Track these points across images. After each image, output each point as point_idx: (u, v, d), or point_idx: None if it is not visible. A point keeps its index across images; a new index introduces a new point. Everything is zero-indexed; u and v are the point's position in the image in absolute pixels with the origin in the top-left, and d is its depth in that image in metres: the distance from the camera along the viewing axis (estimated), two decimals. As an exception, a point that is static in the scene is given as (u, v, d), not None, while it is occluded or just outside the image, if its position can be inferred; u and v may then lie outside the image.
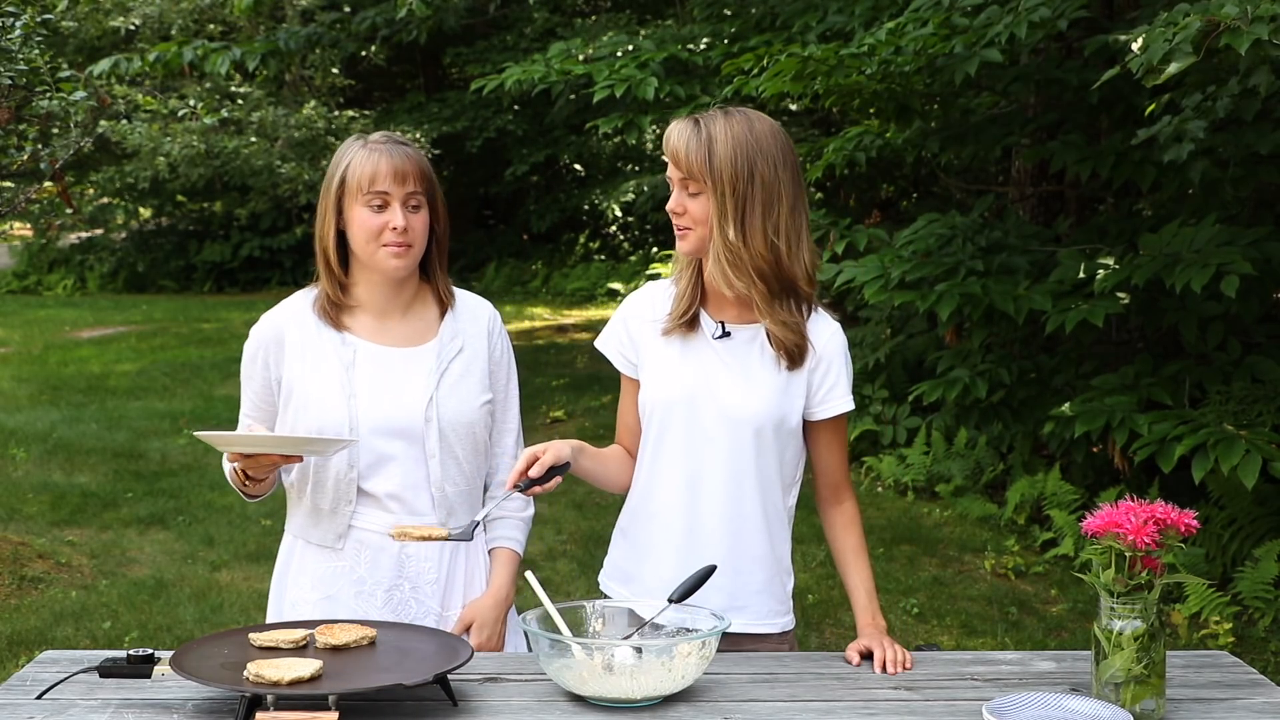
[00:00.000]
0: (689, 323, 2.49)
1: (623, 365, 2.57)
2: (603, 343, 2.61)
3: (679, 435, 2.48)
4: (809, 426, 2.51)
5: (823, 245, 6.29)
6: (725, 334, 2.47)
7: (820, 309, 2.50)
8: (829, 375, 2.46)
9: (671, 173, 2.44)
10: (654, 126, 6.84)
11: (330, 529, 2.55)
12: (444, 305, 2.63)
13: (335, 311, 2.55)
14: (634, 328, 2.55)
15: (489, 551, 2.67)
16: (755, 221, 2.37)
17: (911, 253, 6.06)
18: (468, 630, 2.58)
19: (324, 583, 2.58)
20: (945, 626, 5.37)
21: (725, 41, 7.01)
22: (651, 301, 2.56)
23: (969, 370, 6.43)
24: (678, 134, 2.42)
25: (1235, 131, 5.45)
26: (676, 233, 2.45)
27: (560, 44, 7.46)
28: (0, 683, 2.26)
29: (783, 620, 2.55)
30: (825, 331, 2.47)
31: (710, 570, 2.36)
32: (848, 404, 2.48)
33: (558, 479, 2.35)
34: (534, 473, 2.31)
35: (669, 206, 2.44)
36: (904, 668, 2.34)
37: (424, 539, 2.28)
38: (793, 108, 9.46)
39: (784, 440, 2.47)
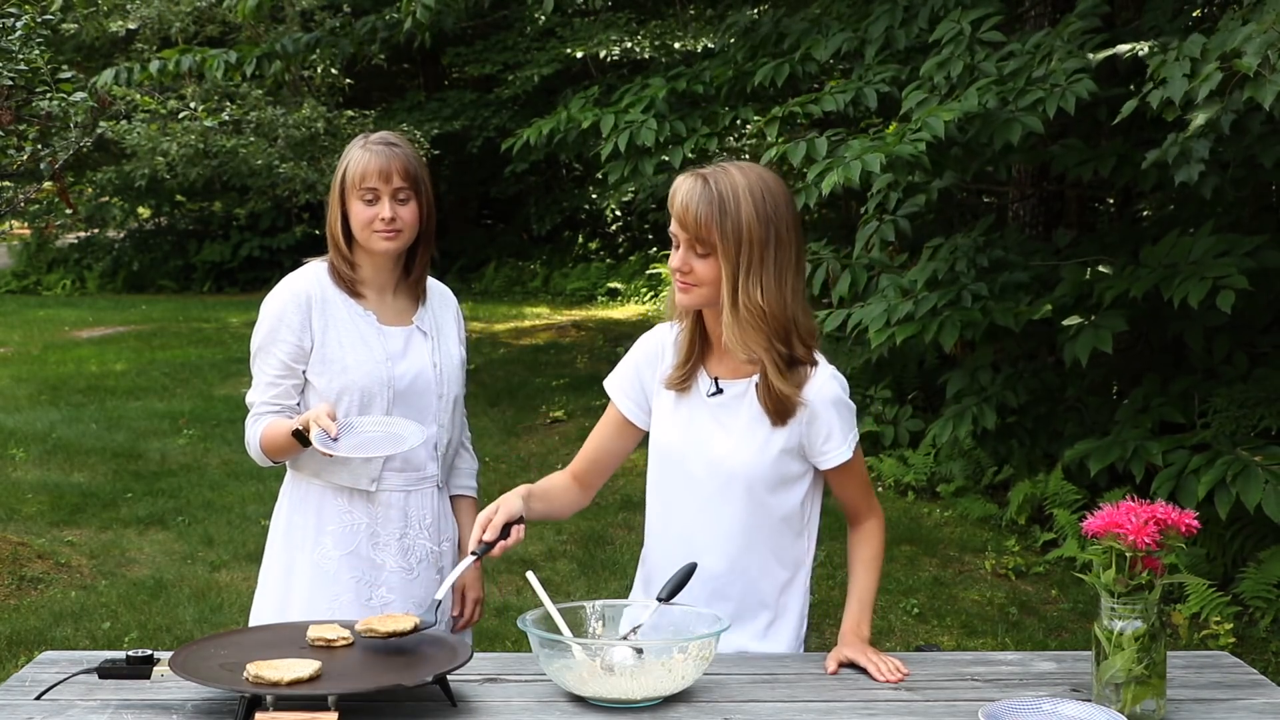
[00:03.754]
0: (686, 379, 2.49)
1: (625, 409, 2.59)
2: (611, 384, 2.62)
3: (675, 487, 2.52)
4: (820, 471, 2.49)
5: (827, 285, 6.17)
6: (718, 390, 2.46)
7: (818, 357, 2.45)
8: (823, 427, 2.42)
9: (676, 230, 2.38)
10: (657, 165, 6.80)
11: (364, 473, 2.80)
12: (421, 293, 2.94)
13: (351, 281, 2.84)
14: (646, 376, 2.57)
15: (452, 499, 2.99)
16: (771, 282, 2.34)
17: (915, 283, 5.93)
18: (462, 594, 2.95)
19: (346, 539, 2.81)
20: (945, 627, 5.37)
21: (731, 70, 6.92)
22: (662, 349, 2.56)
23: (976, 398, 6.34)
24: (685, 192, 2.36)
25: (1236, 135, 5.44)
26: (678, 286, 2.41)
27: (580, 95, 7.45)
28: (-1, 683, 2.26)
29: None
30: (816, 383, 2.41)
31: (692, 568, 2.41)
32: (844, 455, 2.43)
33: (519, 530, 2.38)
34: (488, 536, 2.34)
35: (673, 265, 2.39)
36: (899, 675, 2.31)
37: (391, 635, 2.26)
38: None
39: (784, 490, 2.45)
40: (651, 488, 2.59)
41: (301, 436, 2.68)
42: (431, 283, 2.98)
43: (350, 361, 2.77)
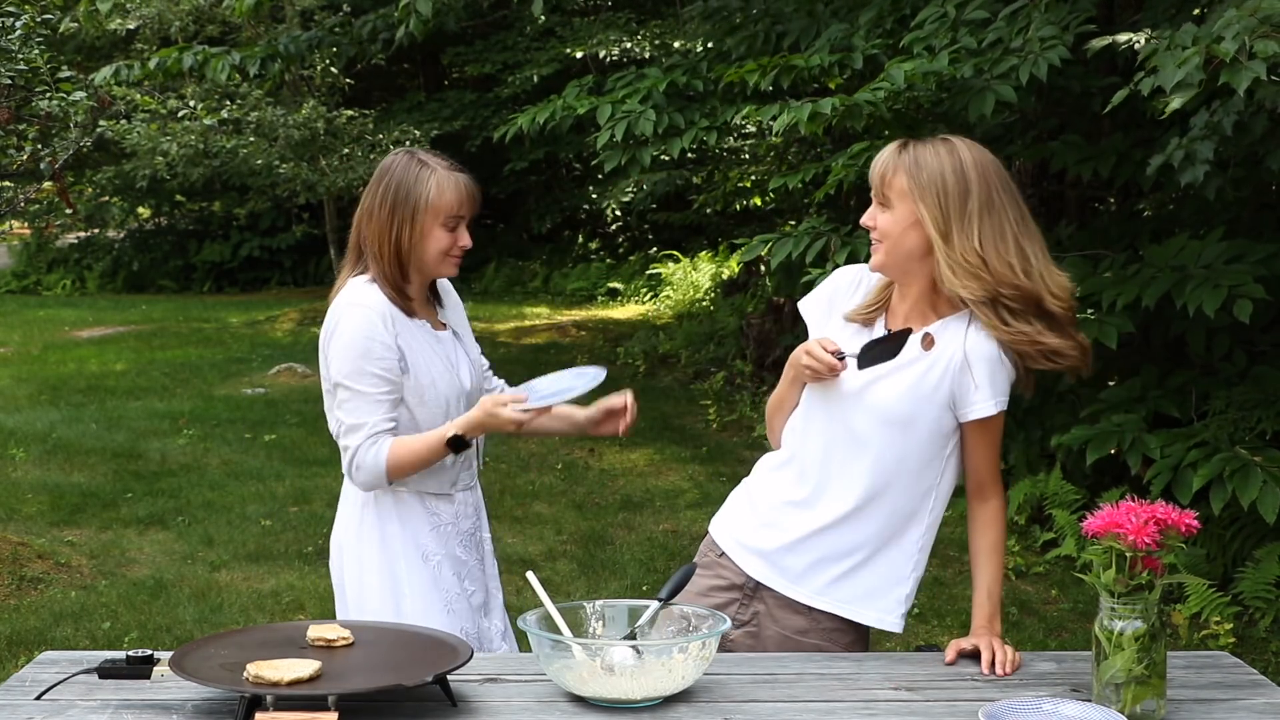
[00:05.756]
0: (871, 320, 2.56)
1: (813, 327, 2.65)
2: (807, 300, 2.68)
3: (819, 417, 2.55)
4: (961, 426, 2.52)
5: (825, 255, 6.26)
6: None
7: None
8: (973, 378, 2.45)
9: (873, 193, 2.51)
10: (654, 157, 6.84)
11: (447, 477, 2.86)
12: (436, 295, 3.00)
13: (406, 297, 2.82)
14: (838, 303, 2.62)
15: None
16: (988, 233, 2.40)
17: None
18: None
19: (441, 540, 2.86)
20: (945, 626, 5.36)
21: (728, 64, 6.98)
22: (859, 283, 2.62)
23: None
24: (881, 153, 2.49)
25: (1239, 135, 5.44)
26: (872, 247, 2.51)
27: (574, 83, 7.46)
28: (-1, 683, 2.25)
29: (864, 613, 2.55)
30: (975, 337, 2.46)
31: (692, 569, 2.47)
32: (988, 409, 2.46)
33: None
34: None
35: (863, 223, 2.51)
36: (1010, 668, 2.34)
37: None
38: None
39: (918, 438, 2.49)
40: (800, 413, 2.60)
41: (458, 442, 2.72)
42: (442, 284, 3.02)
43: (437, 373, 2.81)
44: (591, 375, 2.77)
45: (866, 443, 2.49)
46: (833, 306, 2.62)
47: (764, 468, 2.67)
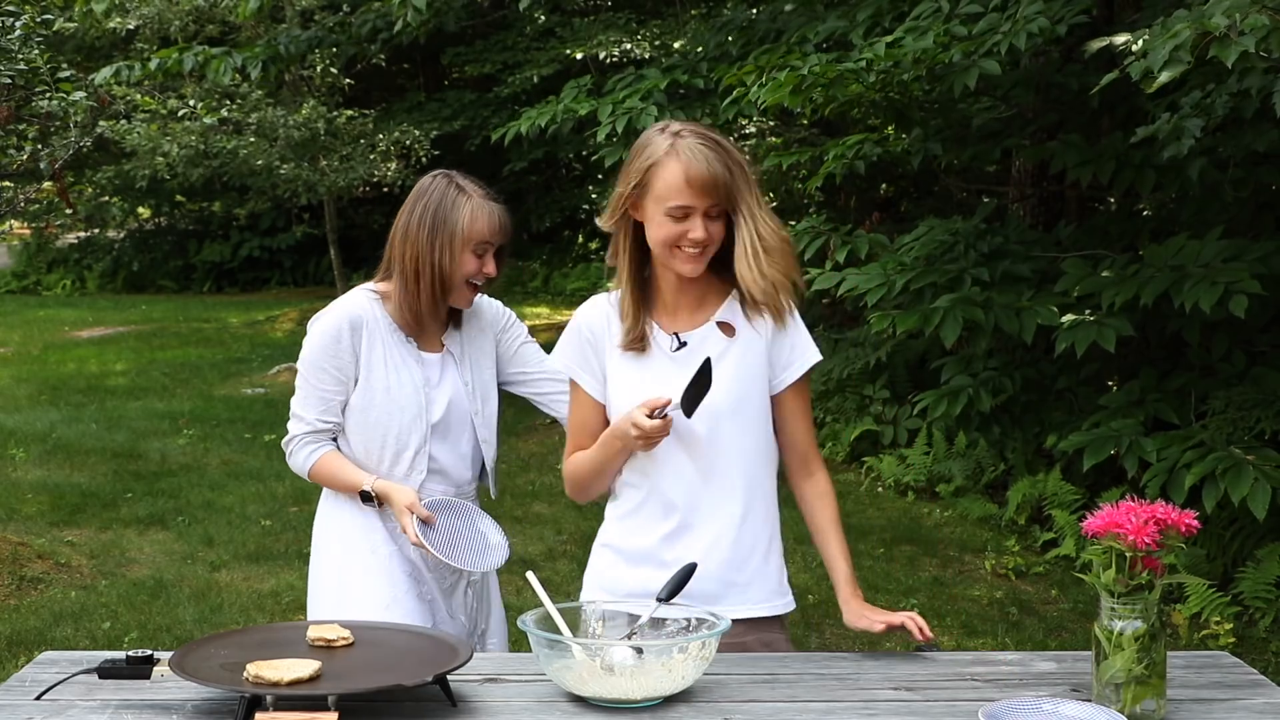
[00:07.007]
0: (641, 339, 2.48)
1: (585, 381, 2.53)
2: (562, 358, 2.56)
3: (667, 451, 2.47)
4: (774, 400, 2.53)
5: (825, 254, 6.26)
6: (682, 344, 2.48)
7: None
8: (787, 338, 2.48)
9: (694, 201, 2.37)
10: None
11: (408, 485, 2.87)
12: (459, 318, 2.98)
13: (419, 318, 2.84)
14: (597, 343, 2.52)
15: None
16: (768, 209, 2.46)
17: (914, 259, 6.03)
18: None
19: (396, 543, 2.88)
20: (945, 627, 5.36)
21: (728, 63, 7.02)
22: (606, 317, 2.53)
23: (972, 381, 6.36)
24: (705, 161, 2.37)
25: (1234, 132, 5.45)
26: (694, 256, 2.41)
27: (572, 83, 7.48)
28: (-1, 683, 2.25)
29: (775, 603, 2.55)
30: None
31: (691, 568, 2.40)
32: (811, 359, 2.50)
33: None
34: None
35: (698, 238, 2.38)
36: (927, 630, 2.44)
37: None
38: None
39: (755, 418, 2.49)
40: (639, 459, 2.50)
41: (366, 495, 2.82)
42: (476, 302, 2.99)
43: (393, 383, 2.82)
44: (496, 554, 2.88)
45: (720, 446, 2.46)
46: (598, 351, 2.51)
47: (614, 518, 2.61)
